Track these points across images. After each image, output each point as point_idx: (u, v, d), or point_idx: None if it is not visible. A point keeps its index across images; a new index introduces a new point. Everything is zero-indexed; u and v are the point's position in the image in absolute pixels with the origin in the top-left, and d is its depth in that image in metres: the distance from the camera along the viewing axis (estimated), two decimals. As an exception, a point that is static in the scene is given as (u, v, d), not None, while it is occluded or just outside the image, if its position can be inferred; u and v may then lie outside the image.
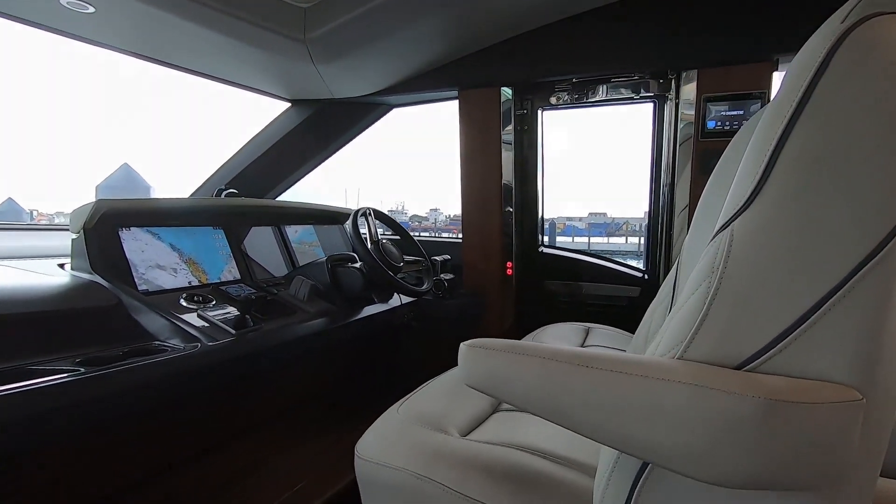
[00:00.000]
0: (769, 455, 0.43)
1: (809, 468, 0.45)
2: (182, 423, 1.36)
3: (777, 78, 1.53)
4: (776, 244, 0.46)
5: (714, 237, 0.51)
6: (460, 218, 2.09)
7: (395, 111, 2.36)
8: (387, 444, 0.78)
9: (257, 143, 2.27)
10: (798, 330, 0.45)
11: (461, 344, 0.58)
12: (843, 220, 0.43)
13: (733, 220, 0.49)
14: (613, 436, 0.49)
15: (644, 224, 2.11)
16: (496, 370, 0.54)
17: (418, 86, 2.01)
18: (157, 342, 1.12)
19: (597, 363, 0.50)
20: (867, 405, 0.44)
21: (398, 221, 1.95)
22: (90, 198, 1.30)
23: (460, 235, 2.09)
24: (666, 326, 0.54)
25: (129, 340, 1.11)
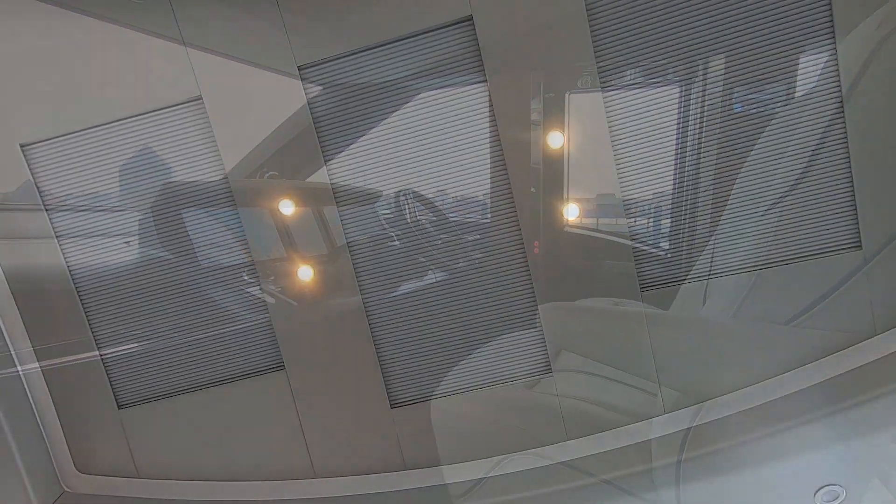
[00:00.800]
0: (814, 393, 0.53)
1: (846, 404, 0.54)
2: (261, 381, 1.47)
3: (802, 64, 1.57)
4: (820, 220, 0.54)
5: (763, 215, 0.60)
6: (467, 200, 2.17)
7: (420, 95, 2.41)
8: (460, 396, 0.88)
9: (288, 127, 2.34)
10: (836, 293, 0.54)
11: (539, 306, 0.67)
12: (875, 201, 0.52)
13: (781, 200, 0.58)
14: (678, 380, 0.58)
15: (655, 206, 2.18)
16: (573, 326, 0.64)
17: (446, 70, 2.07)
18: (227, 312, 1.22)
19: (661, 319, 0.59)
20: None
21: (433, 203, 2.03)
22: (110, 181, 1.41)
23: (468, 216, 2.17)
24: (718, 293, 0.63)
25: (202, 311, 1.21)
